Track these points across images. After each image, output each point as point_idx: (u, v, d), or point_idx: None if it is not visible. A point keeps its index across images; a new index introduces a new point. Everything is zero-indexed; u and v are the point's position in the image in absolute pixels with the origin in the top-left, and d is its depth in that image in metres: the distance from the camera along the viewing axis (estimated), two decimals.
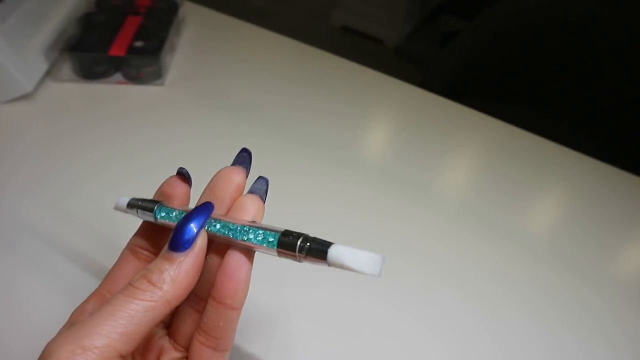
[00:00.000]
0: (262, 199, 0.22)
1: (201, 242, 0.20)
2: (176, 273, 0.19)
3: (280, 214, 0.42)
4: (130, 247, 0.25)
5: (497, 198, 0.49)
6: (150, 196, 0.25)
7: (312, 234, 0.19)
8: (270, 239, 0.20)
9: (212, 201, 0.22)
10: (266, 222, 0.21)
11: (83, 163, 0.46)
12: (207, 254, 0.21)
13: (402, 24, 1.85)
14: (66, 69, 0.54)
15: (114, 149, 0.48)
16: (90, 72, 0.54)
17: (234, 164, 0.24)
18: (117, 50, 0.53)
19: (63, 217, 0.41)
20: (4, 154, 0.46)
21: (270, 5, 2.03)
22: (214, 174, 0.23)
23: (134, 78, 0.55)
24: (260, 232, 0.20)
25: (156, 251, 0.24)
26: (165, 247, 0.20)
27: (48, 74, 0.53)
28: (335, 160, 0.50)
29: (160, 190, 0.24)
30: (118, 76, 0.55)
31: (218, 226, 0.21)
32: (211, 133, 0.51)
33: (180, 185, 0.24)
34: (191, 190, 0.25)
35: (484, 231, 0.45)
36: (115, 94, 0.54)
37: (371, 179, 0.49)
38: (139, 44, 0.54)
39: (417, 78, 0.83)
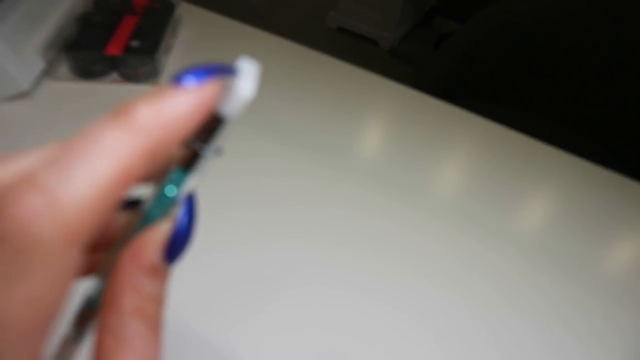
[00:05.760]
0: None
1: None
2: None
3: (272, 217, 0.43)
4: None
5: (488, 198, 0.50)
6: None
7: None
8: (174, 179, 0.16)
9: None
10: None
11: None
12: None
13: (397, 26, 1.86)
14: (63, 68, 0.55)
15: None
16: (87, 71, 0.55)
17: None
18: (113, 49, 0.54)
19: None
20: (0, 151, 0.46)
21: (266, 6, 2.04)
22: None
23: (130, 77, 0.55)
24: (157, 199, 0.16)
25: None
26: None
27: (46, 73, 0.54)
28: (329, 161, 0.51)
29: None
30: (114, 75, 0.56)
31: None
32: None
33: None
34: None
35: (476, 230, 0.46)
36: (111, 93, 0.54)
37: (364, 178, 0.50)
38: (135, 43, 0.55)
39: (412, 79, 0.84)
